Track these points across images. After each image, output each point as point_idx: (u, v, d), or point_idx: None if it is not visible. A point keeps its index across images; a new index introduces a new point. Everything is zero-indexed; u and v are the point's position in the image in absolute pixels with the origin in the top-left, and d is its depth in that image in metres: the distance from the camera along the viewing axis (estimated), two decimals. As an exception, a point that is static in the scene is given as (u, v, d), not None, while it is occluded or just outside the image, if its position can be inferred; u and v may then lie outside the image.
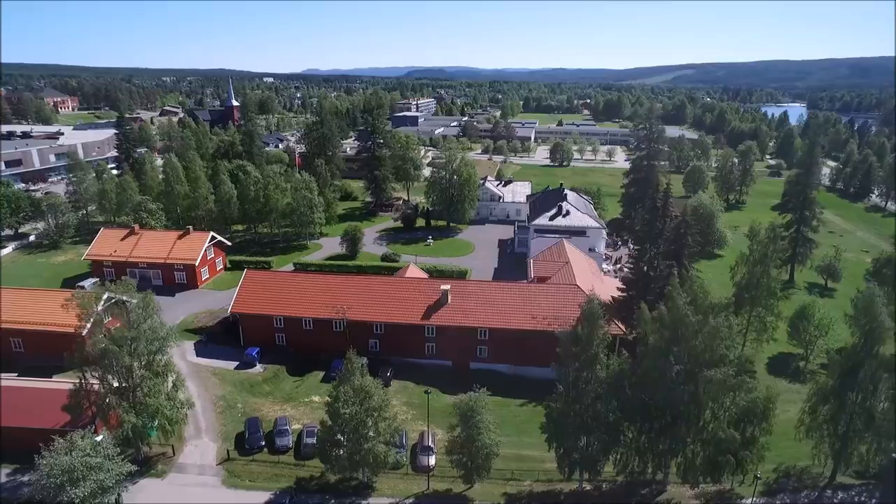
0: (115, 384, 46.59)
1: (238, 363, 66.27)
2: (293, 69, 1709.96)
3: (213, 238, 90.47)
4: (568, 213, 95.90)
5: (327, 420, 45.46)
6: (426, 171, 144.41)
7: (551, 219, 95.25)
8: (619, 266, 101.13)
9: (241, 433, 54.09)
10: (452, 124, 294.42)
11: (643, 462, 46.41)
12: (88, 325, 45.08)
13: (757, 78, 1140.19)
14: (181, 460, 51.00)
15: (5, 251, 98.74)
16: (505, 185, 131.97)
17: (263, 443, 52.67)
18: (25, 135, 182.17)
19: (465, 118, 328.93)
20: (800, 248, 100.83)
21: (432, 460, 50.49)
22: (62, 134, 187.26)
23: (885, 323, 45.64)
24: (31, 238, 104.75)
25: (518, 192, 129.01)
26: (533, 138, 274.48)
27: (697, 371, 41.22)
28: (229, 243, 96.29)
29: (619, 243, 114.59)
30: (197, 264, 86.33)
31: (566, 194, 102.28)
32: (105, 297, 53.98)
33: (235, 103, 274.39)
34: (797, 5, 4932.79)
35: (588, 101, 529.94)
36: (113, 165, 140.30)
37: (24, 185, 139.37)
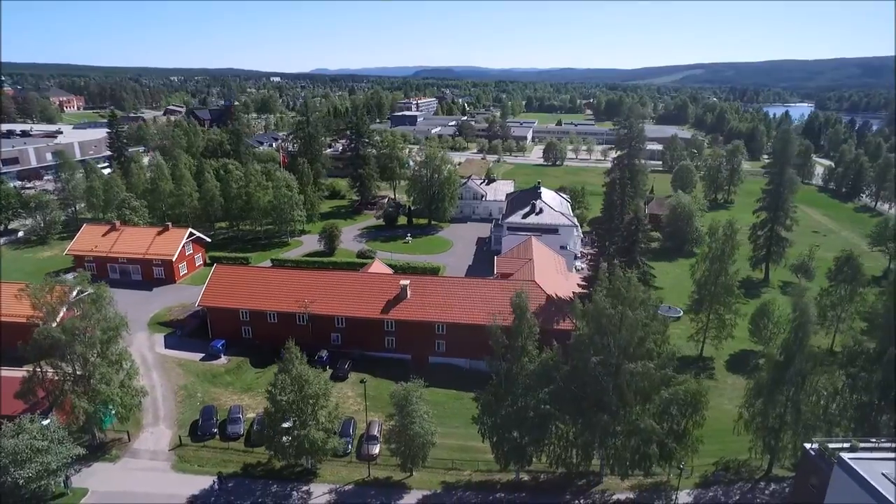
0: (69, 372, 48.51)
1: (204, 355, 68.18)
2: (302, 69, 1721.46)
3: (191, 234, 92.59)
4: (541, 211, 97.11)
5: (271, 407, 47.18)
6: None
7: (524, 217, 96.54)
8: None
9: (196, 421, 55.95)
10: (451, 124, 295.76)
11: (577, 454, 47.61)
12: (41, 315, 46.93)
13: (766, 78, 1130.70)
14: (136, 446, 52.97)
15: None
16: (488, 184, 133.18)
17: (216, 430, 54.55)
18: (25, 133, 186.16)
19: (465, 118, 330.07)
20: (774, 246, 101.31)
21: (376, 449, 52.09)
22: (61, 133, 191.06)
23: (813, 318, 46.71)
24: (20, 234, 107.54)
25: (500, 191, 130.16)
26: (530, 138, 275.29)
27: (620, 363, 42.40)
28: (208, 239, 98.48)
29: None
30: (174, 260, 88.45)
31: (541, 193, 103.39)
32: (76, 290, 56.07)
33: (235, 103, 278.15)
34: (808, 5, 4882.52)
35: (591, 100, 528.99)
36: (104, 164, 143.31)
37: (19, 182, 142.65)
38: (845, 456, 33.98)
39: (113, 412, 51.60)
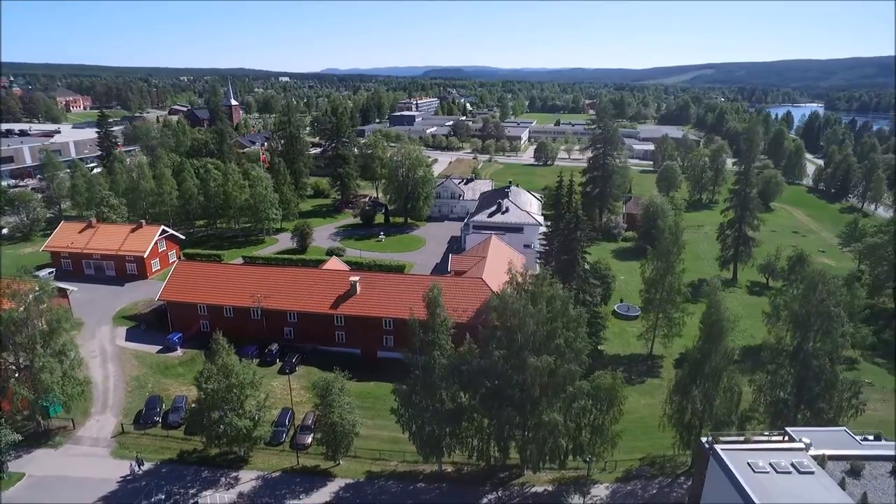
0: (11, 361, 50.72)
1: (161, 347, 70.39)
2: (313, 69, 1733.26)
3: (164, 231, 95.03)
4: (507, 210, 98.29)
5: (201, 395, 49.08)
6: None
7: (490, 216, 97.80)
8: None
9: (140, 410, 58.04)
10: (447, 123, 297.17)
11: (494, 447, 48.87)
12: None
13: (778, 78, 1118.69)
14: (80, 433, 55.14)
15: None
16: (466, 184, 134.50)
17: (158, 419, 56.60)
18: (23, 132, 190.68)
19: (463, 118, 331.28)
20: (742, 246, 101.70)
21: (308, 439, 53.88)
22: (58, 132, 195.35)
23: (727, 315, 47.78)
24: (5, 231, 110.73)
25: (478, 191, 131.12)
26: (526, 138, 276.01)
27: (525, 358, 43.66)
28: (182, 237, 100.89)
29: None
30: (146, 256, 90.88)
31: (509, 192, 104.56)
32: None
33: (234, 103, 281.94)
34: (823, 4, 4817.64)
35: (595, 100, 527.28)
36: (95, 164, 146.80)
37: (13, 180, 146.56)
38: (719, 448, 35.04)
39: (57, 401, 53.75)
